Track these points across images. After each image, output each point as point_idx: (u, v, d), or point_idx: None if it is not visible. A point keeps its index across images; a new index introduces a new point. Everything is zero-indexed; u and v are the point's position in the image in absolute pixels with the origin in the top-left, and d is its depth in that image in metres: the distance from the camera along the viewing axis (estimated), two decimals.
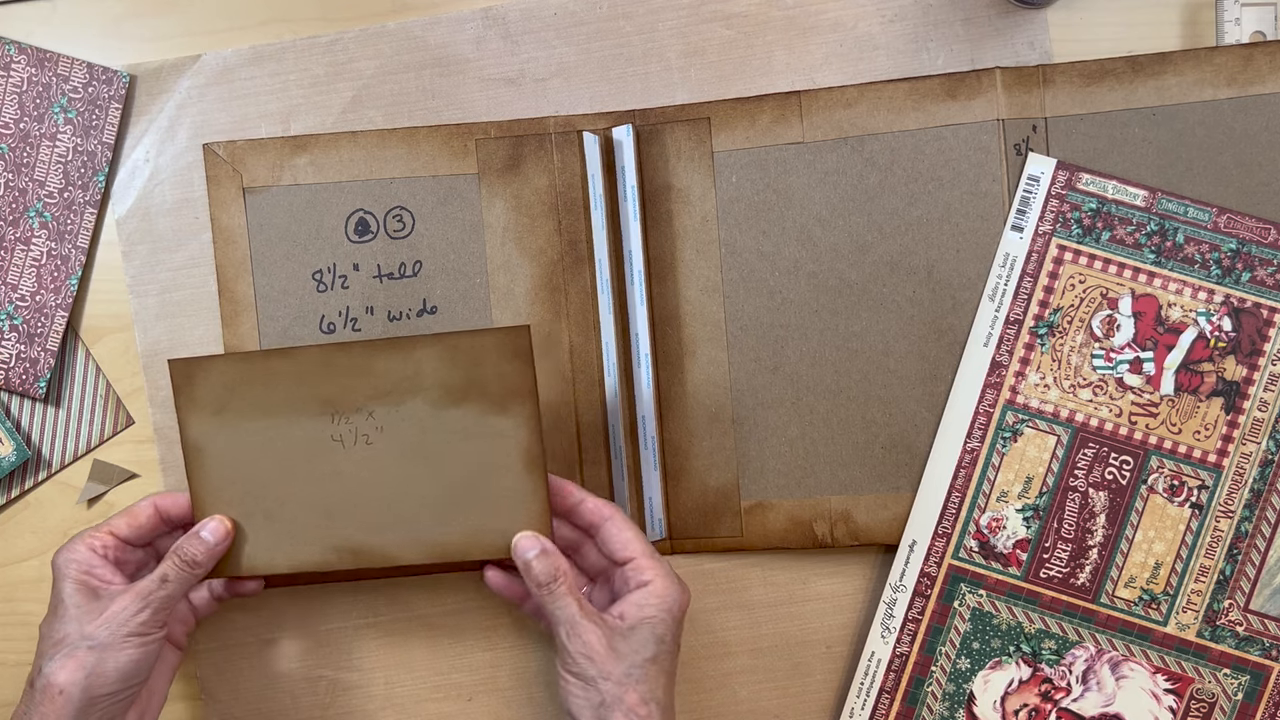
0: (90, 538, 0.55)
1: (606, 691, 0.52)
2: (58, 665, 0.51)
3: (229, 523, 0.56)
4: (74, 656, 0.52)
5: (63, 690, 0.51)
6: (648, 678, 0.53)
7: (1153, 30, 0.63)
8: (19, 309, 0.63)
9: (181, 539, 0.55)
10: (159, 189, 0.64)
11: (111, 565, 0.55)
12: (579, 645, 0.53)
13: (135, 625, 0.52)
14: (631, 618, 0.53)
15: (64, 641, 0.52)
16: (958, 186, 0.61)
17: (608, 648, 0.53)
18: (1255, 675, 0.60)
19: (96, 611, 0.53)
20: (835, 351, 0.61)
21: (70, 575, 0.54)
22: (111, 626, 0.52)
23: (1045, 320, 0.60)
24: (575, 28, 0.63)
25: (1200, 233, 0.60)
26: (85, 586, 0.54)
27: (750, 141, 0.61)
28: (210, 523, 0.56)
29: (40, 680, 0.52)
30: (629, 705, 0.52)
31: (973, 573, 0.61)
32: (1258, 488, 0.59)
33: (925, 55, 0.63)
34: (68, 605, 0.53)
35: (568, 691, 0.54)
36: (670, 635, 0.54)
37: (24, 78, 0.63)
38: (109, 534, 0.56)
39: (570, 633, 0.53)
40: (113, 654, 0.52)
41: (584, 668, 0.53)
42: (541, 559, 0.54)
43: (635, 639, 0.53)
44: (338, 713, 0.64)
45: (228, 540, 0.56)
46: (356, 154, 0.62)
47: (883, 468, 0.61)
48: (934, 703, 0.61)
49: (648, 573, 0.54)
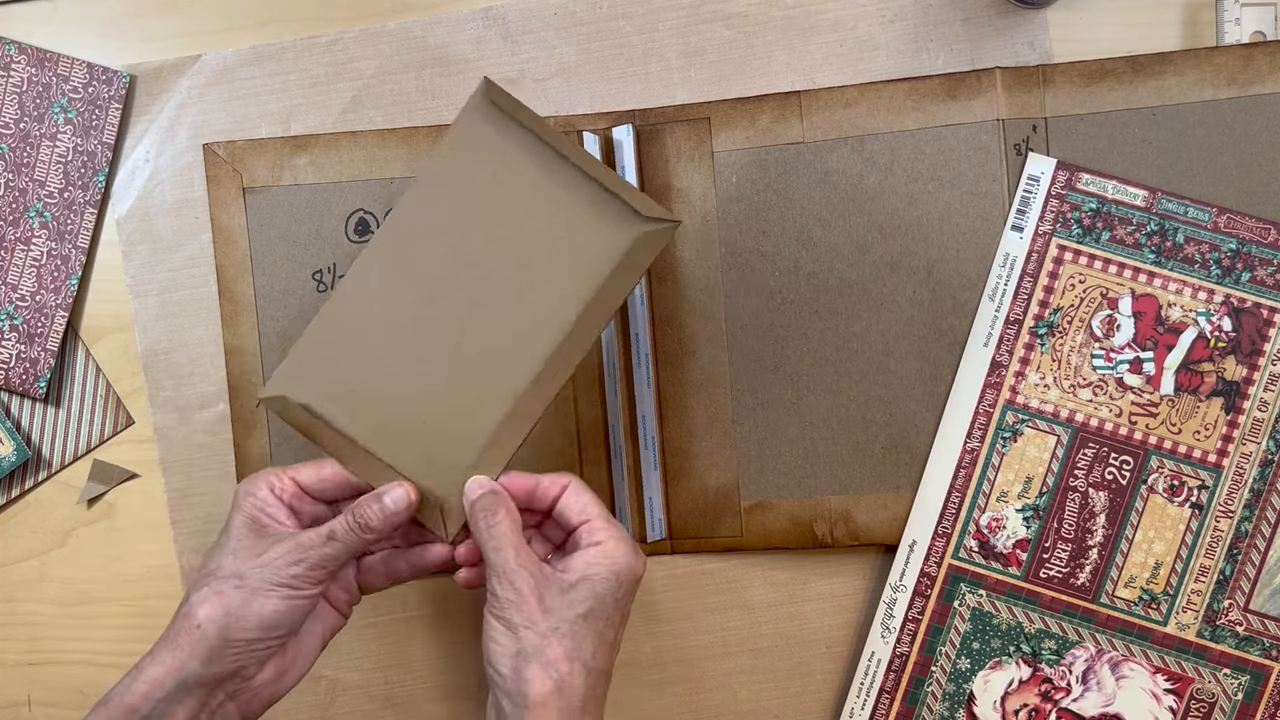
0: (272, 476, 0.53)
1: (527, 640, 0.49)
2: (202, 598, 0.50)
3: (415, 495, 0.53)
4: (221, 593, 0.49)
5: (200, 625, 0.49)
6: (575, 634, 0.50)
7: (1153, 30, 0.63)
8: (19, 309, 0.63)
9: (363, 499, 0.52)
10: (159, 189, 0.64)
11: (286, 509, 0.53)
12: (508, 590, 0.50)
13: (286, 575, 0.50)
14: (574, 573, 0.51)
15: (216, 574, 0.50)
16: (958, 186, 0.61)
17: (538, 598, 0.50)
18: (1255, 675, 0.60)
19: (257, 551, 0.50)
20: (835, 351, 0.61)
21: (243, 508, 0.52)
22: (264, 571, 0.50)
23: (1045, 320, 0.60)
24: (575, 28, 0.63)
25: (1200, 233, 0.60)
26: (255, 522, 0.52)
27: (750, 141, 0.61)
28: (396, 489, 0.53)
29: (184, 608, 0.50)
30: (550, 658, 0.49)
31: (973, 573, 0.61)
32: (1258, 488, 0.59)
33: (925, 55, 0.63)
34: (232, 537, 0.51)
35: (489, 636, 0.51)
36: (611, 597, 0.51)
37: (24, 78, 0.63)
38: (291, 479, 0.53)
39: (501, 579, 0.50)
40: (258, 599, 0.50)
41: (509, 614, 0.50)
42: (489, 497, 0.52)
43: (573, 594, 0.50)
44: (338, 713, 0.64)
45: (409, 512, 0.53)
46: (356, 154, 0.62)
47: (883, 468, 0.61)
48: (934, 703, 0.61)
49: (600, 534, 0.52)
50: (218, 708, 0.50)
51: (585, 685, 0.50)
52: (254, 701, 0.52)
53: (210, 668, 0.49)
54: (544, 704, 0.49)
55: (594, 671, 0.50)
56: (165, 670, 0.49)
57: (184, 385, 0.64)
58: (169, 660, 0.49)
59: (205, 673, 0.49)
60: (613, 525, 0.53)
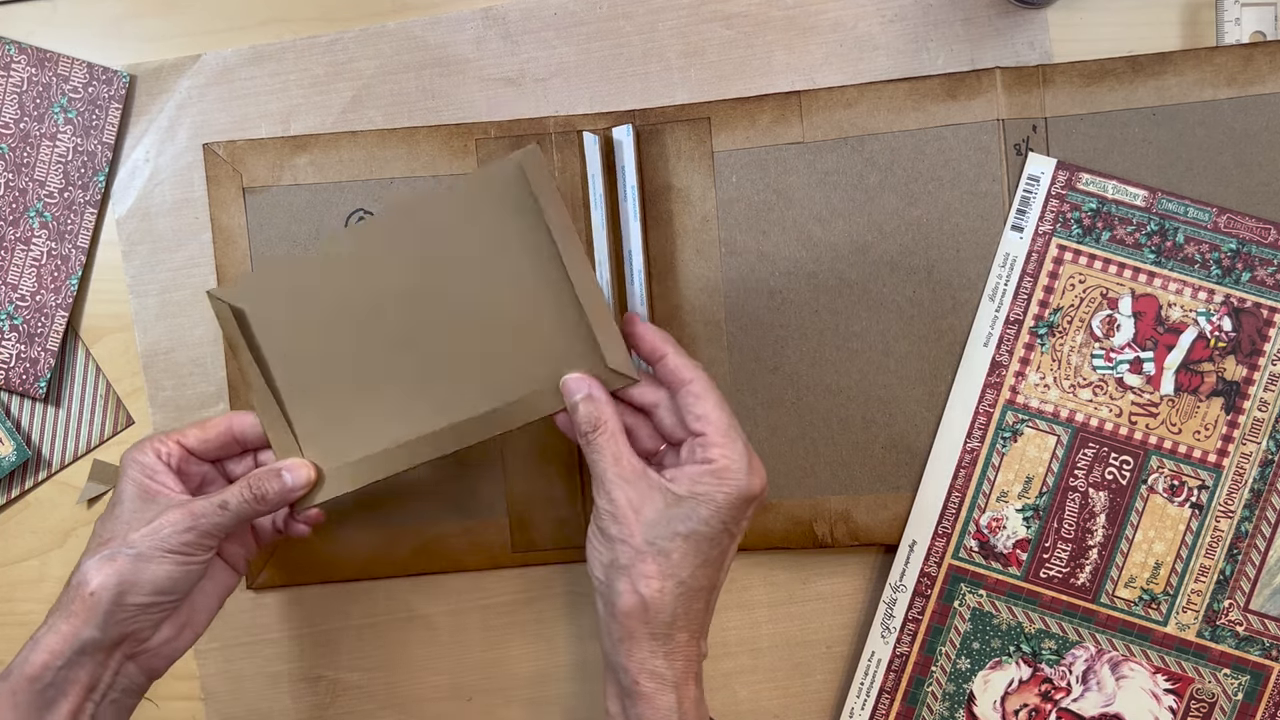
0: (157, 442, 0.53)
1: (620, 553, 0.49)
2: (94, 566, 0.50)
3: (314, 471, 0.54)
4: (113, 561, 0.50)
5: (94, 592, 0.49)
6: (671, 551, 0.49)
7: (1153, 30, 0.63)
8: (19, 309, 0.63)
9: (261, 471, 0.53)
10: (159, 189, 0.64)
11: (174, 474, 0.53)
12: (605, 502, 0.50)
13: (178, 542, 0.50)
14: (680, 490, 0.50)
15: (108, 542, 0.50)
16: (958, 186, 0.61)
17: (636, 511, 0.49)
18: (1255, 675, 0.60)
19: (147, 518, 0.51)
20: (835, 351, 0.61)
21: (130, 475, 0.52)
22: (154, 539, 0.50)
23: (1045, 320, 0.60)
24: (575, 28, 0.63)
25: (1200, 233, 0.60)
26: (144, 489, 0.52)
27: (750, 141, 0.61)
28: (298, 467, 0.53)
29: (77, 576, 0.50)
30: (641, 573, 0.49)
31: (973, 573, 0.61)
32: (1258, 488, 0.59)
33: (925, 55, 0.63)
34: (123, 504, 0.51)
35: (589, 541, 0.51)
36: (718, 520, 0.49)
37: (24, 78, 0.63)
38: (176, 443, 0.53)
39: (600, 489, 0.50)
40: (150, 566, 0.50)
41: (607, 525, 0.50)
42: (587, 403, 0.51)
43: (675, 511, 0.49)
44: (338, 713, 0.64)
45: (307, 488, 0.53)
46: (356, 154, 0.62)
47: (883, 468, 0.61)
48: (934, 703, 0.61)
49: (714, 450, 0.50)
50: (119, 669, 0.51)
51: (676, 601, 0.49)
52: (155, 659, 0.52)
53: (106, 632, 0.49)
54: (630, 615, 0.49)
55: (690, 588, 0.50)
56: (62, 638, 0.49)
57: (184, 385, 0.64)
58: (64, 628, 0.49)
59: (102, 637, 0.49)
60: (730, 441, 0.50)
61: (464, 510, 0.63)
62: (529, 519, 0.63)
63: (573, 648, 0.64)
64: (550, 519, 0.63)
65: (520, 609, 0.64)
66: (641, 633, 0.49)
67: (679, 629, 0.50)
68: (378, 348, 0.54)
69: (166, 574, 0.50)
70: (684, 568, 0.49)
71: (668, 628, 0.50)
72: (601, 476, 0.50)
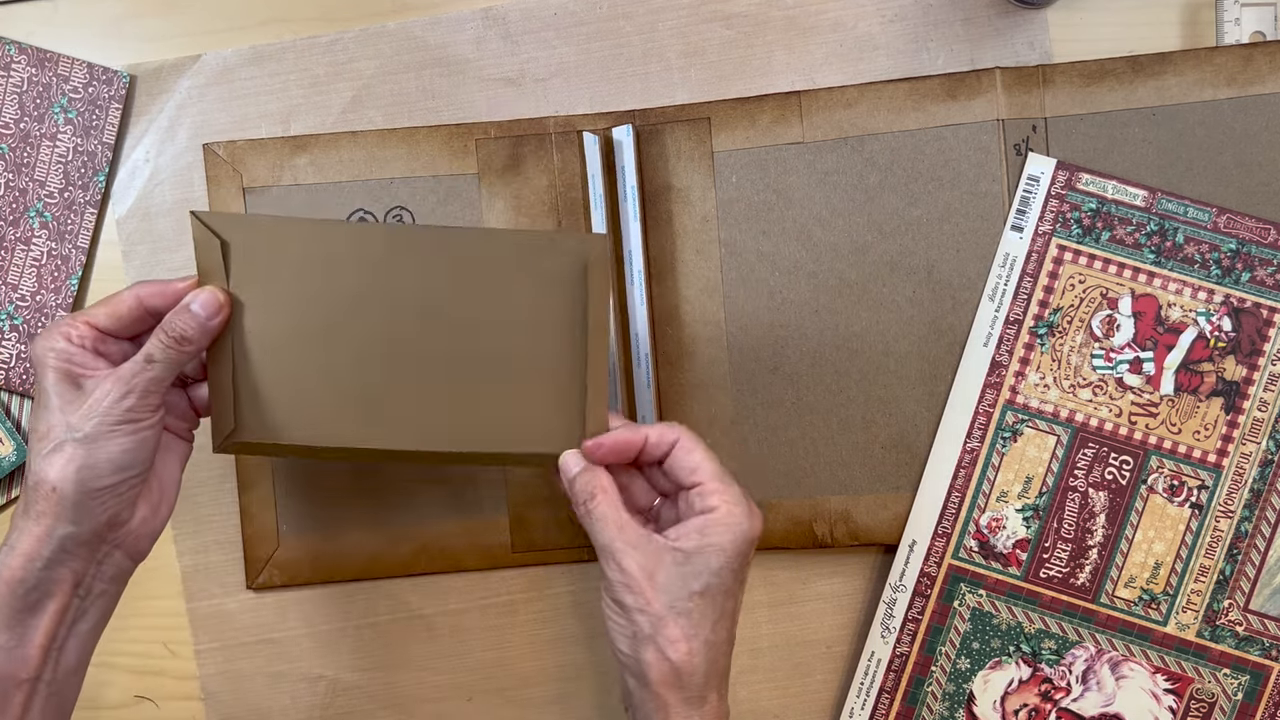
0: (66, 326, 0.50)
1: (641, 623, 0.48)
2: (46, 461, 0.48)
3: (222, 294, 0.51)
4: (62, 451, 0.48)
5: (55, 487, 0.48)
6: (692, 611, 0.48)
7: (1153, 30, 0.63)
8: (19, 309, 0.63)
9: (171, 314, 0.50)
10: (159, 189, 0.64)
11: (92, 354, 0.50)
12: (616, 573, 0.49)
13: (121, 412, 0.48)
14: (688, 545, 0.49)
15: (49, 435, 0.48)
16: (958, 186, 0.61)
17: (649, 576, 0.48)
18: (1255, 675, 0.60)
19: (80, 401, 0.49)
20: (835, 351, 0.61)
21: (49, 364, 0.49)
22: (96, 416, 0.48)
23: (1045, 320, 0.60)
24: (575, 28, 0.63)
25: (1200, 233, 0.60)
26: (68, 376, 0.49)
27: (750, 141, 0.61)
28: (201, 294, 0.50)
29: (32, 478, 0.48)
30: (667, 638, 0.48)
31: (973, 573, 0.61)
32: (1258, 488, 0.59)
33: (925, 55, 0.63)
34: (51, 395, 0.49)
35: (607, 617, 0.50)
36: (728, 569, 0.49)
37: (24, 78, 0.63)
38: (85, 324, 0.50)
39: (608, 559, 0.49)
40: (103, 445, 0.48)
41: (621, 595, 0.49)
42: (586, 475, 0.51)
43: (687, 569, 0.49)
44: (338, 713, 0.64)
45: (221, 314, 0.51)
46: (356, 154, 0.62)
47: (883, 468, 0.61)
48: (934, 703, 0.61)
49: (713, 498, 0.50)
50: (105, 559, 0.50)
51: (705, 661, 0.49)
52: (139, 541, 0.51)
53: (83, 525, 0.48)
54: (663, 684, 0.49)
55: (715, 645, 0.49)
56: (35, 540, 0.48)
57: None
58: (35, 529, 0.48)
59: (81, 531, 0.48)
60: (726, 486, 0.50)
61: (464, 510, 0.63)
62: (529, 519, 0.63)
63: (573, 648, 0.64)
64: (550, 519, 0.63)
65: (520, 609, 0.64)
66: (676, 700, 0.49)
67: (710, 689, 0.49)
68: (356, 343, 0.53)
69: (121, 449, 0.48)
70: (705, 625, 0.49)
71: (701, 689, 0.49)
72: (608, 546, 0.49)
